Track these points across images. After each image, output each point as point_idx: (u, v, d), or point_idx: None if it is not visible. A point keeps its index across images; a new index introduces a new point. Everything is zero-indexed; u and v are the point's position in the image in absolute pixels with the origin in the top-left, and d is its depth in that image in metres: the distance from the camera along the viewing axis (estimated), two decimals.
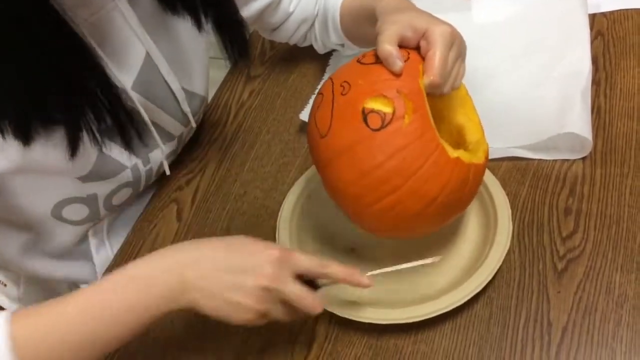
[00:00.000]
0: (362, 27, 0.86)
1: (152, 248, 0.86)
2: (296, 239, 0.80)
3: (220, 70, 1.14)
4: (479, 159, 0.69)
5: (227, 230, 0.87)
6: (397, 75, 0.66)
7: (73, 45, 0.68)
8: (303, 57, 1.07)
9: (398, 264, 0.71)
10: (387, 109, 0.65)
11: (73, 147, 0.71)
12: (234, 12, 0.85)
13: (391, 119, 0.65)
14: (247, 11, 0.95)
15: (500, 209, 0.77)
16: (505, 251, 0.73)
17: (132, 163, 0.82)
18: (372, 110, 0.65)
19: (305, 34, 1.02)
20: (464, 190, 0.68)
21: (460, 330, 0.71)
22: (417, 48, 0.70)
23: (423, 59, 0.69)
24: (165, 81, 0.82)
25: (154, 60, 0.79)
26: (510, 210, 0.76)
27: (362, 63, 0.70)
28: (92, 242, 0.88)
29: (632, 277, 0.72)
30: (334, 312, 0.72)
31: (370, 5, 0.80)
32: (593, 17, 1.02)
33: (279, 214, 0.83)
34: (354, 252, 0.80)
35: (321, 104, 0.70)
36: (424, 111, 0.66)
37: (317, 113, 0.70)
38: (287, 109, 1.02)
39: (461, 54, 0.72)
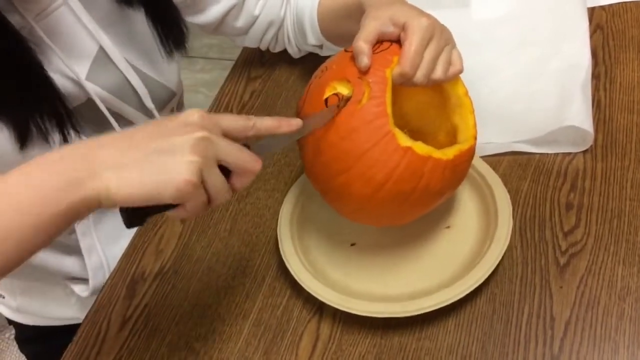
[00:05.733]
0: (344, 25, 0.87)
1: (157, 251, 0.87)
2: (297, 234, 0.81)
3: (222, 71, 1.14)
4: (444, 155, 0.69)
5: (230, 231, 0.87)
6: (364, 69, 0.69)
7: (12, 38, 0.71)
8: (303, 58, 1.07)
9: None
10: (345, 92, 0.69)
11: (22, 139, 0.73)
12: (171, 6, 0.87)
13: (346, 102, 0.68)
14: (208, 15, 0.96)
15: (500, 204, 0.77)
16: (505, 246, 0.73)
17: None
18: (334, 93, 0.69)
19: (276, 38, 1.02)
20: (417, 182, 0.68)
21: (463, 327, 0.71)
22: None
23: None
24: (123, 73, 0.83)
25: (108, 52, 0.81)
26: (511, 207, 0.77)
27: (347, 51, 0.73)
28: (82, 242, 0.88)
29: (634, 270, 0.73)
30: (337, 307, 0.72)
31: (355, 0, 0.81)
32: (592, 11, 1.02)
33: (281, 210, 0.83)
34: (355, 247, 0.81)
35: (306, 87, 0.75)
36: (382, 100, 0.68)
37: (302, 95, 0.75)
38: (288, 110, 1.02)
39: (447, 44, 0.72)
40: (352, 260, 0.79)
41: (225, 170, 0.59)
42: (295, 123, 0.64)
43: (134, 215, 0.57)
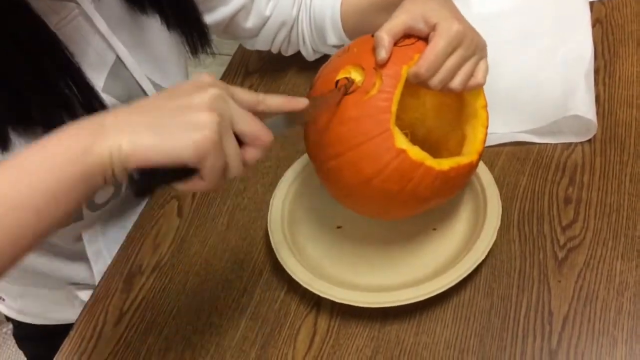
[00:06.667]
0: (374, 20, 0.84)
1: (154, 245, 0.86)
2: (287, 216, 0.82)
3: (219, 67, 1.14)
4: (438, 164, 0.68)
5: (228, 226, 0.87)
6: (381, 63, 0.68)
7: (50, 46, 0.69)
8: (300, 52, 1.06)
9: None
10: (356, 79, 0.68)
11: None
12: (192, 6, 0.85)
13: (355, 89, 0.67)
14: (217, 15, 0.94)
15: (490, 196, 0.77)
16: (491, 243, 0.73)
17: None
18: (345, 77, 0.68)
19: (288, 39, 1.00)
20: (405, 185, 0.67)
21: (461, 321, 0.71)
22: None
23: None
24: (138, 83, 0.82)
25: (125, 62, 0.79)
26: (500, 202, 0.77)
27: (373, 36, 0.71)
28: (89, 249, 0.88)
29: (632, 265, 0.73)
30: (333, 299, 0.72)
31: None
32: (591, 5, 1.01)
33: (273, 194, 0.84)
34: (340, 230, 0.82)
35: (326, 63, 0.74)
36: (390, 95, 0.67)
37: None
38: None
39: (474, 55, 0.71)
40: (337, 242, 0.80)
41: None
42: (302, 102, 0.63)
43: (143, 183, 0.55)
